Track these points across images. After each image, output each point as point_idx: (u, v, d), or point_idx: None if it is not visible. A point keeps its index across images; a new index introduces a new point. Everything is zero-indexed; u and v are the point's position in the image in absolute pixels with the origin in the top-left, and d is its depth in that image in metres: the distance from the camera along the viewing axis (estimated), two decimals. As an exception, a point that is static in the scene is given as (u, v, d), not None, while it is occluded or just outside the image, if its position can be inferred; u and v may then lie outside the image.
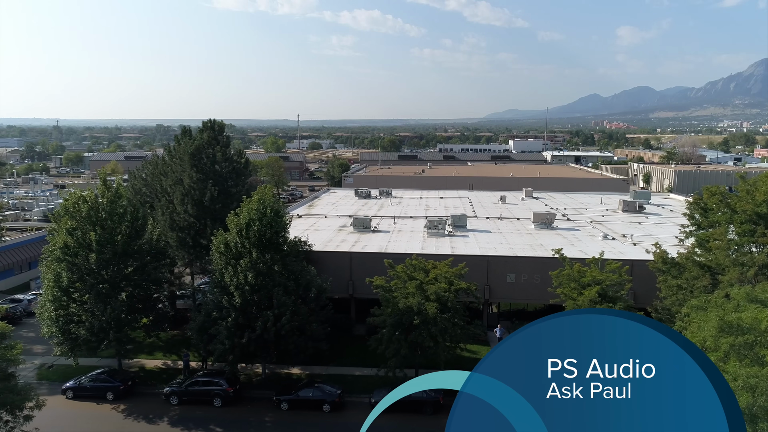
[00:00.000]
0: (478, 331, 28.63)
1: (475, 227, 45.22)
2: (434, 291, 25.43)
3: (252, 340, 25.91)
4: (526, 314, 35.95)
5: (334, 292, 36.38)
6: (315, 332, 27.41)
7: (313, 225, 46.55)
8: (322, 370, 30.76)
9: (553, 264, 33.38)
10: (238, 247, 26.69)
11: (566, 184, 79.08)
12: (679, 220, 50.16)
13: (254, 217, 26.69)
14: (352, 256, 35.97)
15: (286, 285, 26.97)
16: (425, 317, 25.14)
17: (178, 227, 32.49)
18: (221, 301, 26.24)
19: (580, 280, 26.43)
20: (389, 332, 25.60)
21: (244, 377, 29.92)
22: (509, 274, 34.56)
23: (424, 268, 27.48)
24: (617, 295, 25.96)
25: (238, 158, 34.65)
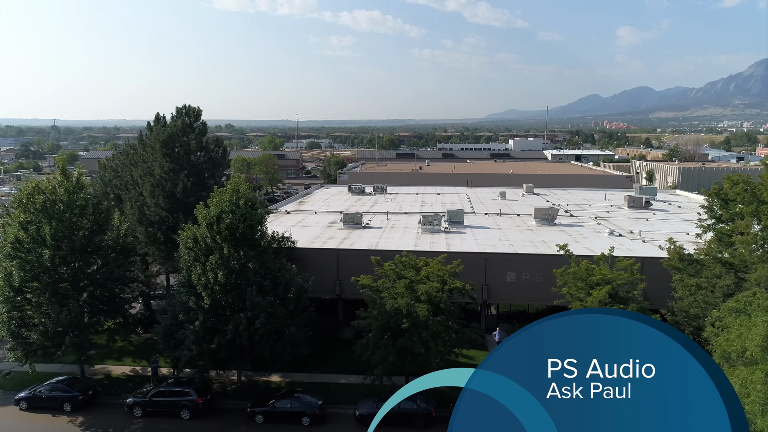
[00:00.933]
0: (475, 335, 26.00)
1: (472, 223, 42.59)
2: (425, 291, 22.79)
3: (223, 346, 23.27)
4: (527, 316, 33.30)
5: (320, 292, 33.78)
6: (294, 336, 24.77)
7: (302, 221, 43.91)
8: (304, 377, 28.12)
9: (557, 262, 30.81)
10: (207, 242, 24.05)
11: (568, 180, 76.43)
12: (688, 216, 47.63)
13: (226, 209, 24.05)
14: (340, 253, 33.33)
15: (262, 284, 24.34)
16: (415, 320, 22.50)
17: (148, 221, 29.86)
18: (188, 302, 23.60)
19: (588, 279, 23.79)
20: (375, 337, 22.97)
21: (217, 386, 27.28)
22: (509, 272, 31.93)
23: (414, 266, 24.85)
24: (629, 296, 23.34)
25: (215, 147, 32.00)
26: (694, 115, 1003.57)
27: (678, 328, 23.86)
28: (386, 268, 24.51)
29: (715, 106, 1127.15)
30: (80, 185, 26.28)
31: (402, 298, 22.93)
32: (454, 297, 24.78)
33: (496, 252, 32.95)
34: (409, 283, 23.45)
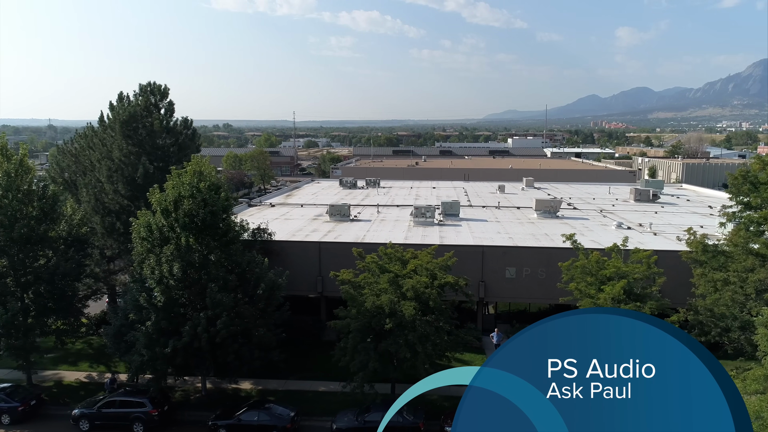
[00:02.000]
0: (470, 337, 22.97)
1: (469, 216, 39.59)
2: (412, 286, 19.76)
3: (179, 350, 20.20)
4: (528, 316, 30.29)
5: (301, 290, 30.75)
6: (263, 339, 21.71)
7: (285, 214, 40.86)
8: (279, 384, 25.07)
9: (562, 255, 27.90)
10: (163, 230, 20.98)
11: (569, 175, 73.46)
12: (699, 209, 44.70)
13: (185, 193, 21.00)
14: (322, 246, 30.28)
15: (226, 279, 21.29)
16: (400, 320, 19.47)
17: (105, 210, 26.78)
18: (138, 299, 20.53)
19: (599, 273, 20.81)
20: (354, 339, 19.94)
21: (180, 395, 24.21)
22: (508, 268, 28.91)
23: (401, 258, 21.83)
24: (646, 292, 20.36)
25: (183, 129, 28.92)
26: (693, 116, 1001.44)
27: (702, 329, 20.87)
28: (368, 261, 21.48)
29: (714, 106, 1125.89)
30: (24, 168, 23.23)
31: (385, 295, 19.89)
32: (446, 294, 21.77)
33: (494, 245, 29.93)
34: (394, 278, 20.42)
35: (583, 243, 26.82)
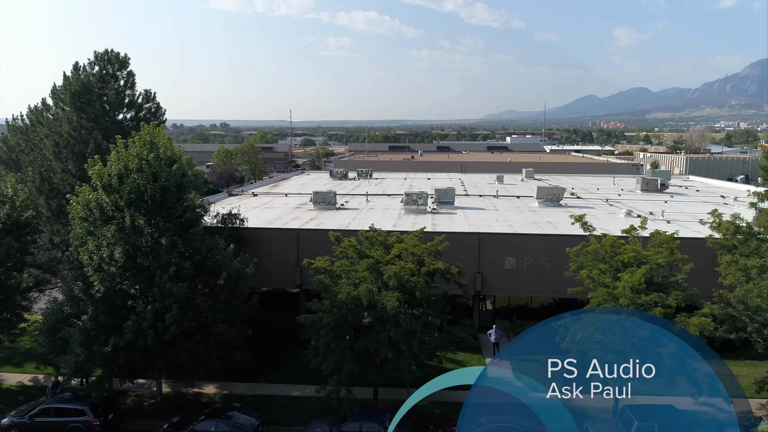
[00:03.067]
0: (465, 334, 20.06)
1: (465, 205, 36.63)
2: (394, 273, 16.74)
3: (121, 348, 17.18)
4: (530, 312, 27.33)
5: (278, 282, 27.78)
6: (223, 336, 18.68)
7: (267, 203, 37.84)
8: (246, 388, 22.06)
9: (568, 243, 25.01)
10: (105, 209, 17.96)
11: (571, 168, 70.53)
12: (712, 198, 41.76)
13: (133, 166, 17.98)
14: (300, 234, 27.27)
15: (180, 267, 18.26)
16: (381, 314, 16.48)
17: (51, 190, 23.75)
18: (72, 289, 17.50)
19: (614, 259, 17.85)
20: (327, 337, 16.93)
21: (132, 400, 21.17)
22: (508, 257, 25.93)
23: (383, 243, 18.84)
24: (670, 281, 17.40)
25: (144, 103, 25.86)
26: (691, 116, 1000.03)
27: (733, 324, 17.92)
28: (345, 245, 18.48)
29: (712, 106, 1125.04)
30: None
31: (363, 284, 16.88)
32: (437, 284, 18.78)
33: (491, 232, 26.96)
34: (374, 264, 17.41)
35: (591, 230, 23.94)
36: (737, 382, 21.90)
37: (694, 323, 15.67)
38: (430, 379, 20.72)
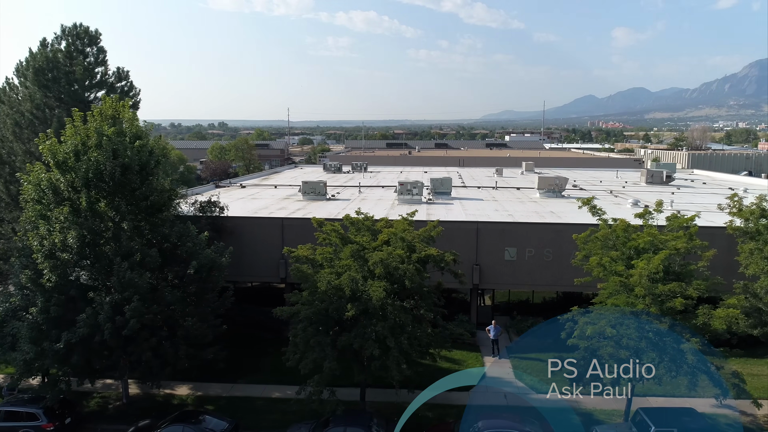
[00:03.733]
0: (461, 330, 18.27)
1: (462, 196, 34.85)
2: (380, 260, 14.89)
3: (76, 345, 15.32)
4: (532, 307, 25.51)
5: (261, 275, 25.95)
6: (193, 332, 16.82)
7: (254, 194, 36.01)
8: (223, 389, 20.21)
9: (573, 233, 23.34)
10: (58, 189, 16.09)
11: (571, 163, 68.79)
12: (720, 191, 40.00)
13: (92, 142, 16.12)
14: (285, 223, 25.42)
15: (145, 254, 16.41)
16: (366, 305, 14.64)
17: (11, 174, 21.88)
18: (21, 278, 15.64)
19: (628, 244, 16.05)
20: (306, 332, 15.09)
21: (96, 401, 19.30)
22: (508, 248, 24.11)
23: (370, 228, 17.00)
24: (689, 270, 15.59)
25: (116, 81, 23.99)
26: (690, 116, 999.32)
27: (760, 318, 16.11)
28: (327, 230, 16.64)
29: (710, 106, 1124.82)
30: None
31: (346, 273, 15.04)
32: (430, 274, 16.96)
33: (490, 221, 25.15)
34: (359, 251, 15.55)
35: (597, 219, 22.17)
36: (764, 383, 20.15)
37: (721, 315, 13.88)
38: (422, 379, 18.92)
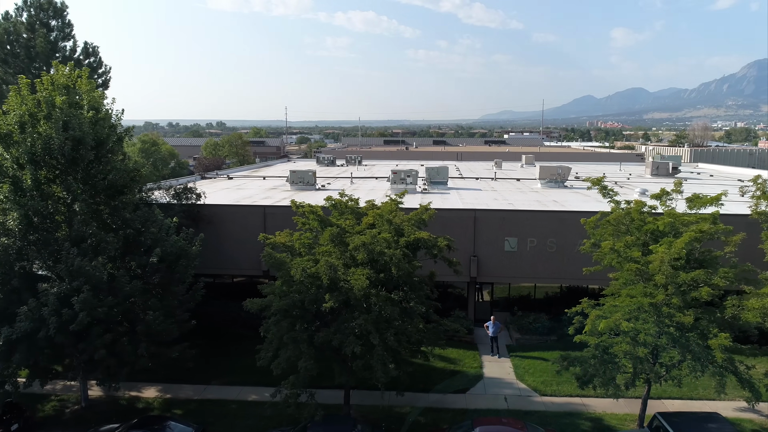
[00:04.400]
0: (457, 326, 16.44)
1: (459, 186, 33.07)
2: (362, 243, 13.05)
3: (17, 341, 13.46)
4: (533, 302, 23.68)
5: (242, 268, 24.09)
6: (156, 327, 14.97)
7: (241, 185, 34.15)
8: (195, 391, 18.35)
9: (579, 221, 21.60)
10: (2, 166, 14.23)
11: (573, 157, 67.02)
12: (730, 182, 38.21)
13: (39, 111, 14.28)
14: (267, 212, 23.58)
15: (101, 240, 14.57)
16: (347, 296, 12.81)
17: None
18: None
19: (644, 228, 14.27)
20: (279, 327, 13.27)
21: (53, 405, 17.42)
22: (508, 238, 22.29)
23: (353, 209, 15.19)
24: (713, 256, 13.80)
25: (84, 57, 22.13)
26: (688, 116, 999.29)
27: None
28: (305, 211, 14.81)
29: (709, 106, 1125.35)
30: None
31: (323, 258, 13.20)
32: (421, 262, 15.13)
33: (489, 209, 23.34)
34: (339, 234, 13.70)
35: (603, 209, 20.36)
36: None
37: (756, 306, 12.09)
38: (413, 380, 17.11)
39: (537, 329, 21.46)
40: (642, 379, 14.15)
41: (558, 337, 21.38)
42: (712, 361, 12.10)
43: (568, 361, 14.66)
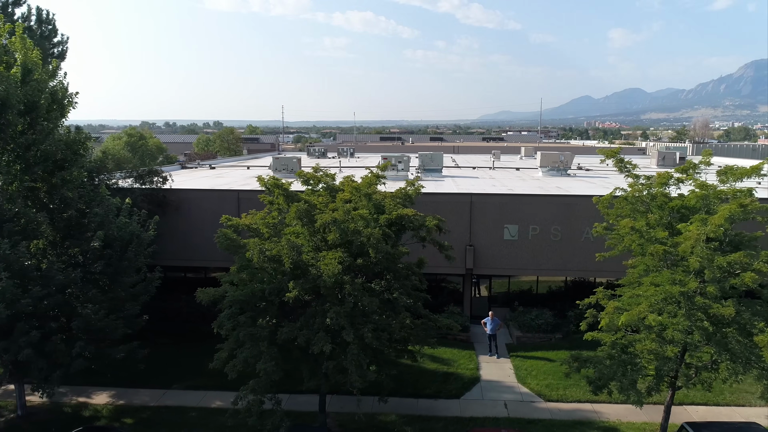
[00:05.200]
0: (449, 321, 14.22)
1: (455, 174, 30.95)
2: (333, 220, 10.84)
3: None
4: (536, 297, 21.50)
5: (213, 259, 21.75)
6: (97, 324, 12.75)
7: (222, 174, 31.93)
8: (153, 397, 16.12)
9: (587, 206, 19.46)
10: None
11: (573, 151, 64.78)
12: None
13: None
14: (242, 197, 21.41)
15: (30, 220, 12.36)
16: (315, 284, 10.62)
17: None
18: None
19: (668, 205, 12.13)
20: (233, 322, 11.07)
21: (-16, 415, 15.21)
22: (508, 226, 20.12)
23: (328, 185, 13.02)
24: (755, 237, 11.67)
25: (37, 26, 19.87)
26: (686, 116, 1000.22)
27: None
28: (270, 185, 12.60)
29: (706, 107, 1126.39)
30: None
31: (285, 238, 10.99)
32: (408, 247, 12.96)
33: (486, 193, 21.19)
34: (307, 210, 11.48)
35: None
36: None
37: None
38: (398, 384, 14.93)
39: (540, 326, 19.30)
40: (666, 383, 12.04)
41: (563, 335, 19.24)
42: (759, 361, 9.97)
43: (580, 362, 12.50)
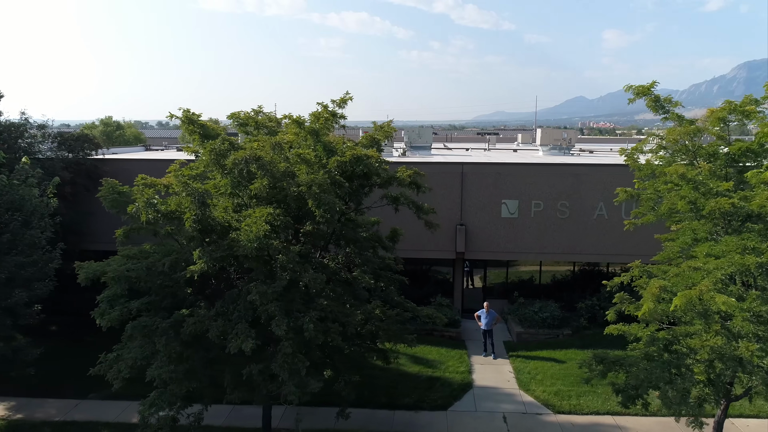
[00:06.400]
0: (433, 311, 10.97)
1: (446, 153, 27.80)
2: (255, 158, 7.53)
3: None
4: (538, 288, 18.28)
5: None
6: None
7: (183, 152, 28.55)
8: (60, 409, 12.81)
9: (600, 175, 16.52)
10: None
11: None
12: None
13: None
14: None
15: None
16: (230, 251, 7.34)
17: None
18: None
19: (730, 148, 8.98)
20: (116, 310, 7.78)
21: None
22: (506, 201, 16.90)
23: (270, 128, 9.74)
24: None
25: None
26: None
27: None
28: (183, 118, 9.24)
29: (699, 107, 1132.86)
30: None
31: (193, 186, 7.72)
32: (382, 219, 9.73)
33: (480, 162, 18.01)
34: (226, 151, 8.16)
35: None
36: None
37: None
38: (370, 392, 11.70)
39: (545, 320, 16.12)
40: (722, 392, 8.90)
41: (573, 331, 16.05)
42: None
43: (606, 365, 9.30)
